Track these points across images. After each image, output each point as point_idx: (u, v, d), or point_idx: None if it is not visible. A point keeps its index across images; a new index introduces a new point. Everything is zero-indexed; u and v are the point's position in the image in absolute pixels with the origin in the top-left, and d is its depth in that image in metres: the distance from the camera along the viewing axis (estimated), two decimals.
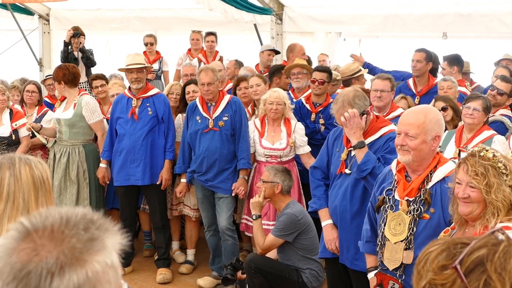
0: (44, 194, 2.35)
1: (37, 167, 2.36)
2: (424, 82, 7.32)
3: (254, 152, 6.28)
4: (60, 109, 6.70)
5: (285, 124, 6.20)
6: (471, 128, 5.48)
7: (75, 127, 6.61)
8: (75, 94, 6.65)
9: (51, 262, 1.20)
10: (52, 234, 1.24)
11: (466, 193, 3.06)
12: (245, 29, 10.10)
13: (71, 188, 6.60)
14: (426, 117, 3.59)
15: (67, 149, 6.62)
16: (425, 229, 3.56)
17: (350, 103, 4.42)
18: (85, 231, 1.25)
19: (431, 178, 3.61)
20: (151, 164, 6.43)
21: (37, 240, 1.23)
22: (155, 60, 10.02)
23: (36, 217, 1.28)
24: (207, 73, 6.15)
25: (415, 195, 3.62)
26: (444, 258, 1.40)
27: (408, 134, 3.58)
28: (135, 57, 6.51)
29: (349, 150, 4.55)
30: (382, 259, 3.75)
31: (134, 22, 11.08)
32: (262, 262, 5.46)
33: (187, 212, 6.78)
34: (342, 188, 4.56)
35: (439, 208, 3.54)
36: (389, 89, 5.70)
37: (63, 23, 11.37)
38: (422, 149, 3.57)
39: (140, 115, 6.44)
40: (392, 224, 3.68)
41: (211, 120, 6.19)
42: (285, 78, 7.49)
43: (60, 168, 6.59)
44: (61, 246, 1.22)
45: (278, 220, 5.47)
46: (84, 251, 1.22)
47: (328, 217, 4.69)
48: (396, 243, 3.65)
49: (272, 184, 5.51)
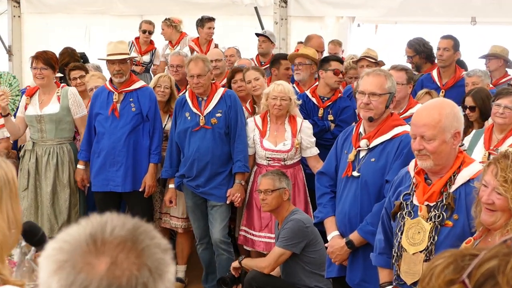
0: (9, 195, 2.37)
1: (1, 166, 2.38)
2: (451, 73, 7.34)
3: (254, 154, 6.26)
4: (34, 105, 6.63)
5: (290, 122, 6.17)
6: (503, 128, 5.48)
7: (62, 123, 6.59)
8: (55, 86, 6.67)
9: (146, 275, 1.31)
10: (125, 244, 1.33)
11: (490, 198, 3.07)
12: (244, 13, 10.11)
13: (63, 193, 6.59)
14: (441, 113, 3.58)
15: (54, 149, 6.59)
16: (448, 238, 3.56)
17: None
18: (151, 240, 1.38)
19: (455, 180, 3.61)
20: (134, 168, 6.41)
21: (111, 252, 1.31)
22: (147, 51, 10.04)
23: (93, 226, 1.37)
24: (197, 63, 6.15)
25: (436, 200, 3.62)
26: (451, 272, 1.40)
27: (424, 136, 3.58)
28: (117, 46, 6.50)
29: (357, 151, 4.55)
30: (399, 272, 3.74)
31: (117, 5, 11.07)
32: (265, 280, 5.48)
33: (174, 224, 6.72)
34: (350, 193, 4.55)
35: (464, 214, 3.54)
36: (404, 81, 5.66)
37: (35, 5, 11.37)
38: (442, 151, 3.57)
39: (122, 111, 6.43)
40: (410, 232, 3.68)
41: (202, 117, 6.18)
42: (284, 69, 7.48)
43: (50, 172, 6.56)
44: (142, 257, 1.33)
45: (283, 228, 5.48)
46: (164, 261, 1.36)
47: (335, 228, 4.68)
48: (414, 254, 3.65)
49: (279, 191, 5.54)
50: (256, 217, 6.18)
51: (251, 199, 6.21)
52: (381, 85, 4.44)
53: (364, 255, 4.50)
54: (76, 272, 1.29)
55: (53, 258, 1.33)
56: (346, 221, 4.59)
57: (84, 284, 1.28)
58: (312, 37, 8.46)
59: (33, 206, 6.58)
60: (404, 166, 4.32)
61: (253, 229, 6.19)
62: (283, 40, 9.97)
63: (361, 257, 4.54)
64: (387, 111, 4.52)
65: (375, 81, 4.45)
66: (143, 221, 1.42)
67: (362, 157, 4.52)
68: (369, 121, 4.48)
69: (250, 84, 6.63)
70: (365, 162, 4.50)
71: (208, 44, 9.42)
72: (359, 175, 4.50)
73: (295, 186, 6.07)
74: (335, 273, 4.76)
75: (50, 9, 11.26)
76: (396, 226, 3.79)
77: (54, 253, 1.34)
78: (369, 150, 4.51)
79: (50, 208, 6.54)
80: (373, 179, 4.47)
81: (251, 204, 6.19)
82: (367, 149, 4.52)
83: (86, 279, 1.29)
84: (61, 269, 1.30)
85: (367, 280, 4.47)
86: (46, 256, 1.35)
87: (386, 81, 4.45)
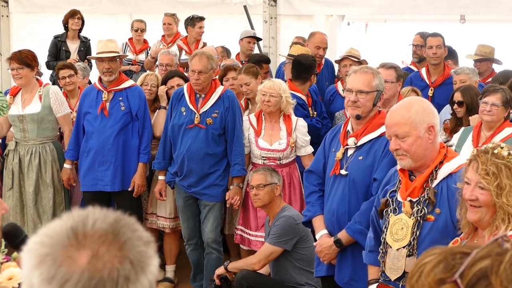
0: None
1: None
2: (439, 71, 7.35)
3: (248, 153, 6.25)
4: (16, 105, 6.62)
5: (285, 121, 6.15)
6: (491, 125, 5.49)
7: (44, 122, 6.58)
8: (37, 84, 6.66)
9: (127, 268, 1.30)
10: (106, 237, 1.32)
11: (474, 194, 3.07)
12: (233, 12, 10.10)
13: (47, 193, 6.58)
14: (410, 110, 3.64)
15: (36, 148, 6.58)
16: (431, 232, 3.58)
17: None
18: (133, 232, 1.37)
19: (436, 175, 3.63)
20: (123, 167, 6.39)
21: (92, 245, 1.31)
22: (142, 50, 9.97)
23: (74, 219, 1.36)
24: (201, 59, 6.03)
25: (419, 195, 3.64)
26: (441, 270, 1.38)
27: (398, 135, 3.63)
28: (107, 44, 6.49)
29: (345, 149, 4.54)
30: (384, 268, 3.76)
31: (106, 4, 11.04)
32: (255, 279, 5.47)
33: (161, 224, 6.68)
34: (338, 192, 4.54)
35: (446, 208, 3.56)
36: (393, 79, 5.69)
37: (24, 4, 11.31)
38: (419, 146, 3.61)
39: (111, 110, 6.40)
40: (394, 228, 3.70)
41: (197, 115, 6.10)
42: (263, 73, 7.39)
43: (32, 172, 6.55)
44: (124, 250, 1.32)
45: (274, 225, 5.48)
46: (146, 254, 1.36)
47: (324, 227, 4.66)
48: (398, 249, 3.67)
49: (272, 186, 5.54)
50: (252, 217, 6.18)
51: (247, 199, 6.17)
52: (368, 82, 4.44)
53: (352, 254, 4.50)
54: (57, 265, 1.29)
55: (34, 252, 1.32)
56: (334, 220, 4.57)
57: (65, 278, 1.28)
58: (313, 34, 8.38)
59: (18, 206, 6.58)
60: (392, 164, 4.33)
61: (250, 228, 6.18)
62: (272, 39, 9.96)
63: (349, 256, 4.53)
64: (374, 109, 4.52)
65: (362, 78, 4.45)
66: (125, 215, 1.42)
67: (350, 155, 4.51)
68: (356, 119, 4.48)
69: (242, 88, 6.67)
70: (353, 160, 4.48)
71: (196, 43, 9.40)
72: (347, 173, 4.49)
73: (291, 185, 6.07)
74: (324, 272, 4.75)
75: (39, 9, 11.20)
76: (383, 223, 3.81)
77: (36, 247, 1.33)
78: (357, 148, 4.50)
79: (33, 208, 6.54)
80: (361, 177, 4.46)
81: (247, 204, 6.17)
82: (355, 147, 4.50)
83: (67, 272, 1.28)
84: (42, 263, 1.30)
85: (356, 279, 4.47)
86: (27, 251, 1.34)
87: (373, 79, 4.45)
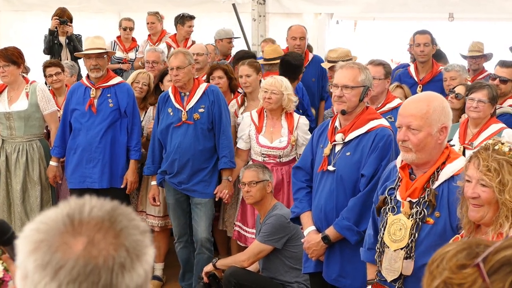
0: None
1: None
2: (428, 68, 7.37)
3: (248, 149, 6.26)
4: (2, 102, 6.59)
5: (286, 118, 6.16)
6: (477, 122, 5.48)
7: (31, 119, 6.57)
8: (23, 81, 6.64)
9: (123, 255, 1.29)
10: (102, 224, 1.32)
11: (475, 192, 3.03)
12: (222, 10, 10.10)
13: (34, 191, 6.57)
14: (430, 105, 3.55)
15: (23, 146, 6.57)
16: (429, 235, 3.54)
17: None
18: (129, 221, 1.37)
19: (438, 176, 3.57)
20: (111, 164, 6.38)
21: (88, 232, 1.30)
22: (131, 49, 9.97)
23: (71, 207, 1.36)
24: (177, 56, 6.09)
25: (419, 196, 3.58)
26: (464, 256, 1.41)
27: (410, 126, 3.54)
28: (94, 41, 6.49)
29: (333, 145, 4.52)
30: (380, 268, 3.73)
31: (95, 2, 11.04)
32: (244, 276, 5.47)
33: (150, 222, 6.66)
34: (326, 188, 4.52)
35: (446, 211, 3.51)
36: (382, 76, 5.68)
37: (12, 3, 11.31)
38: (427, 144, 3.53)
39: (99, 107, 6.39)
40: (392, 228, 3.65)
41: (184, 112, 6.11)
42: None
43: (19, 170, 6.54)
44: (119, 238, 1.32)
45: (265, 223, 5.48)
46: (142, 243, 1.35)
47: (311, 223, 4.65)
48: (396, 250, 3.62)
49: (263, 183, 5.55)
50: (249, 214, 6.18)
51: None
52: (354, 77, 4.42)
53: (340, 250, 4.50)
54: (52, 251, 1.28)
55: (29, 239, 1.32)
56: (322, 216, 4.56)
57: (60, 264, 1.27)
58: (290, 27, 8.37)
59: (5, 204, 6.57)
60: (379, 160, 4.33)
61: (247, 225, 6.19)
62: (261, 37, 9.96)
63: (337, 252, 4.53)
64: (361, 105, 4.50)
65: (348, 74, 4.44)
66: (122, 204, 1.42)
67: (337, 151, 4.50)
68: (342, 114, 4.47)
69: (242, 79, 6.64)
70: (341, 156, 4.47)
71: (185, 41, 9.40)
72: (334, 169, 4.47)
73: (290, 184, 6.06)
74: (312, 269, 4.74)
75: (28, 7, 11.20)
76: (380, 221, 3.77)
77: (31, 233, 1.33)
78: (344, 144, 4.49)
79: (21, 206, 6.53)
80: (349, 173, 4.45)
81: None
82: (342, 143, 4.50)
83: (62, 258, 1.27)
84: (37, 249, 1.29)
85: (344, 275, 4.47)
86: (23, 237, 1.33)
87: (359, 74, 4.43)
